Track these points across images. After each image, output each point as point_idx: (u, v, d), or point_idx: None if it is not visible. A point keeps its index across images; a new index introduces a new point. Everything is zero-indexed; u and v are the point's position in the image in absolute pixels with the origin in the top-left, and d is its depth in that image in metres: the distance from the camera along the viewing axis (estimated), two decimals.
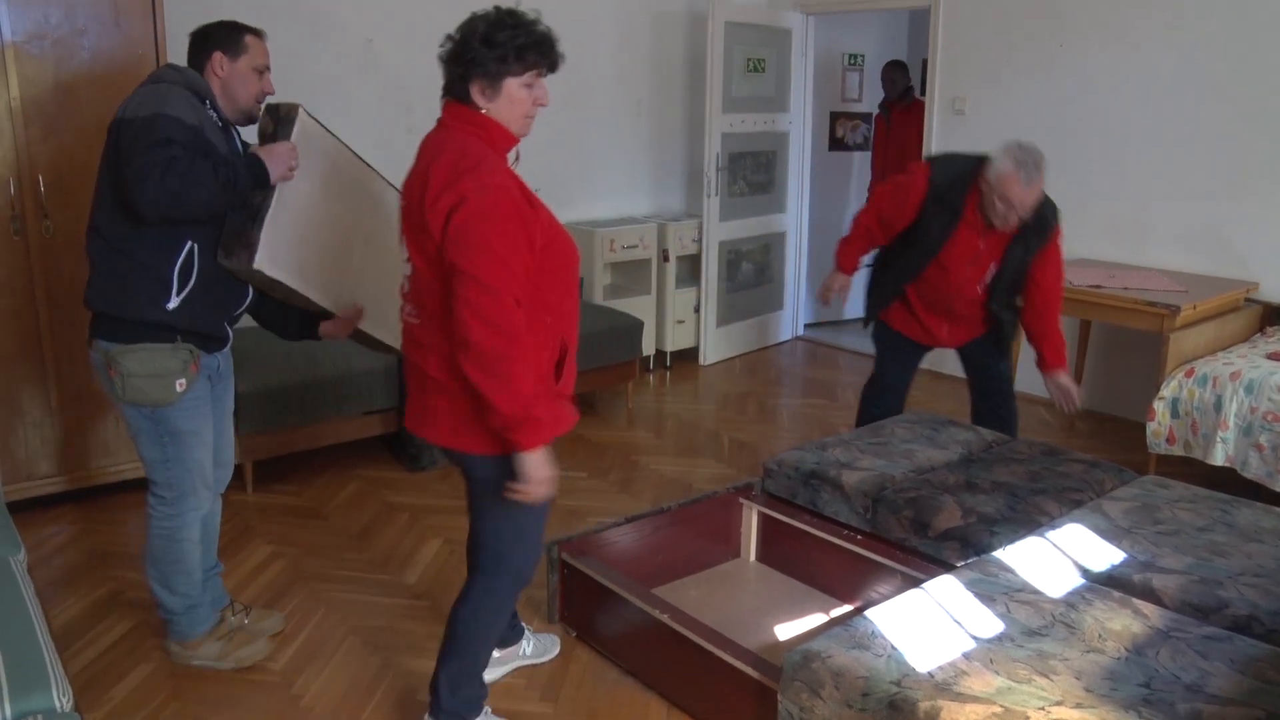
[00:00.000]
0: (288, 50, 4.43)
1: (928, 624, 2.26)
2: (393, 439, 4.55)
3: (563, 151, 5.75)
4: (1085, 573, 2.56)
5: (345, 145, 2.95)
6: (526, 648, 2.92)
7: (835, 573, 3.18)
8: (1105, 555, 2.63)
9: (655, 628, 2.69)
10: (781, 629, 3.05)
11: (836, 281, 3.85)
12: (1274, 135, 4.52)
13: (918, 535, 2.95)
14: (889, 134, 6.60)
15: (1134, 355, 5.07)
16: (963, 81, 5.64)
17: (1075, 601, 2.35)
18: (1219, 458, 3.88)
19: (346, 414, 4.23)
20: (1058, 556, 2.62)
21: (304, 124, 2.75)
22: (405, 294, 2.33)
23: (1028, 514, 2.91)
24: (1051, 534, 2.74)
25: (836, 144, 7.13)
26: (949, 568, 2.73)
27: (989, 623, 2.26)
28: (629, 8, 5.98)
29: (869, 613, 2.33)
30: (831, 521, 3.19)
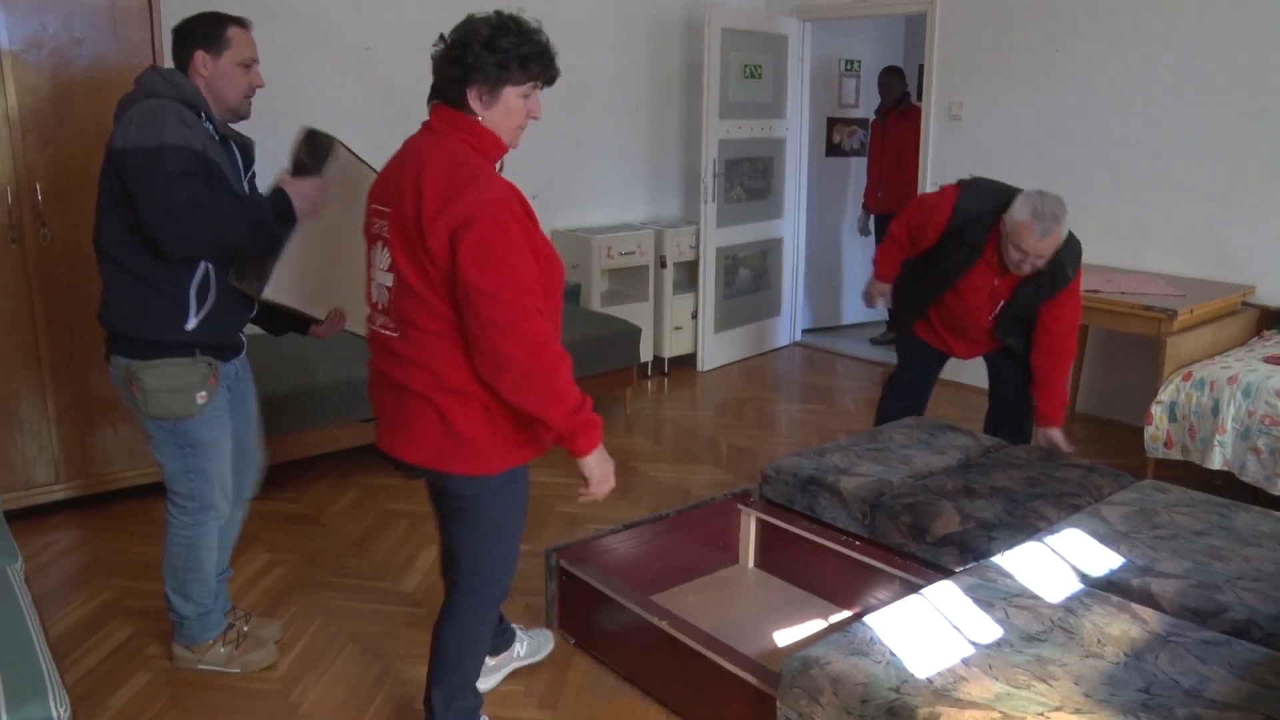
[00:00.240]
0: (285, 57, 4.44)
1: (926, 630, 2.26)
2: None
3: (560, 158, 5.75)
4: (1084, 578, 2.56)
5: (372, 169, 2.92)
6: (520, 649, 2.89)
7: (834, 579, 3.18)
8: (1103, 560, 2.63)
9: (654, 634, 2.69)
10: (780, 635, 3.05)
11: (876, 289, 3.98)
12: (1271, 138, 4.53)
13: (916, 541, 2.95)
14: (885, 140, 6.61)
15: (1131, 359, 5.07)
16: (959, 87, 5.65)
17: (1074, 606, 2.35)
18: (1217, 462, 3.88)
19: (344, 421, 4.23)
20: (1056, 561, 2.62)
21: (340, 159, 2.70)
22: (377, 305, 2.21)
23: (1026, 519, 2.91)
24: (1050, 539, 2.74)
25: (833, 150, 7.14)
26: (947, 573, 2.73)
27: (988, 628, 2.26)
28: (626, 14, 5.99)
29: (868, 619, 2.33)
30: (830, 527, 3.19)
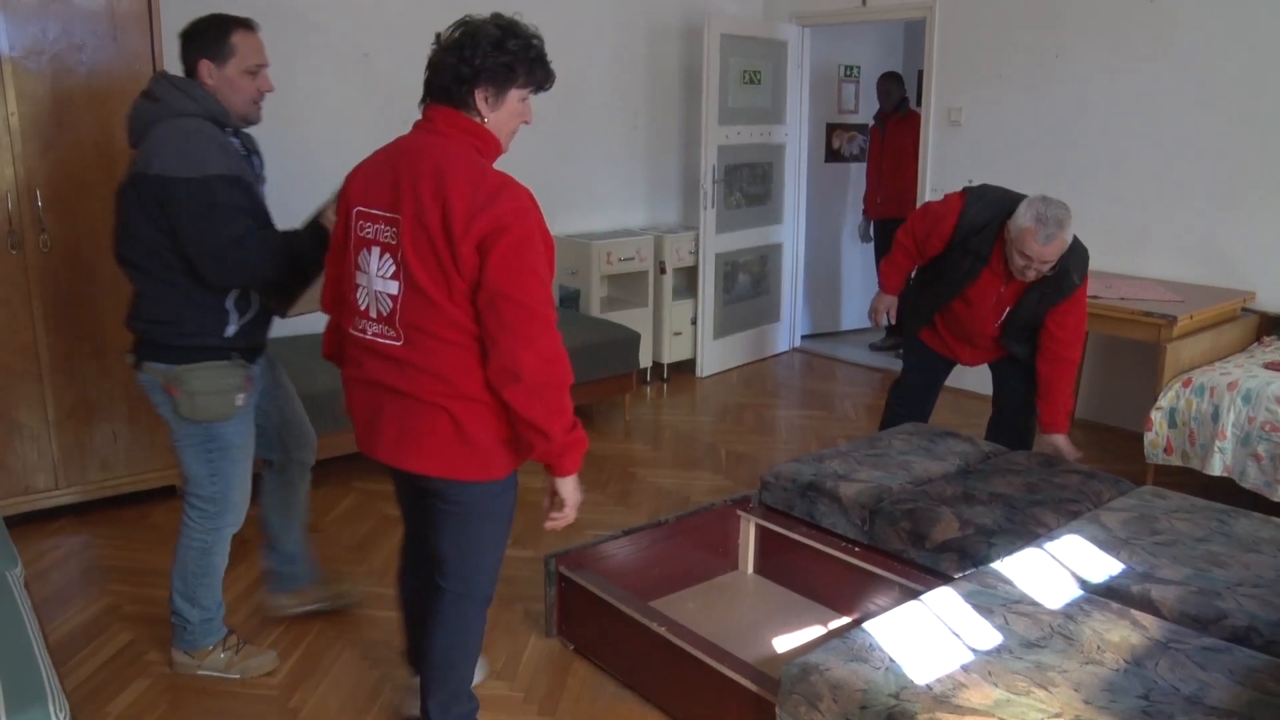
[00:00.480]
0: (285, 64, 4.43)
1: (926, 636, 2.26)
2: None
3: (559, 163, 5.76)
4: (1083, 584, 2.56)
5: None
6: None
7: (833, 585, 3.18)
8: (1103, 566, 2.63)
9: (653, 641, 2.68)
10: (779, 641, 3.04)
11: (883, 303, 3.97)
12: (1270, 144, 4.54)
13: (915, 547, 2.95)
14: (885, 145, 6.62)
15: (1131, 365, 5.07)
16: (958, 92, 5.65)
17: (1073, 613, 2.35)
18: (1217, 468, 3.88)
19: (343, 427, 4.21)
20: (1056, 568, 2.62)
21: None
22: (370, 313, 2.14)
23: (1025, 525, 2.91)
24: (1049, 545, 2.74)
25: (833, 155, 7.15)
26: (947, 579, 2.73)
27: (987, 635, 2.26)
28: (625, 20, 6.00)
29: (867, 625, 2.33)
30: (829, 533, 3.18)
